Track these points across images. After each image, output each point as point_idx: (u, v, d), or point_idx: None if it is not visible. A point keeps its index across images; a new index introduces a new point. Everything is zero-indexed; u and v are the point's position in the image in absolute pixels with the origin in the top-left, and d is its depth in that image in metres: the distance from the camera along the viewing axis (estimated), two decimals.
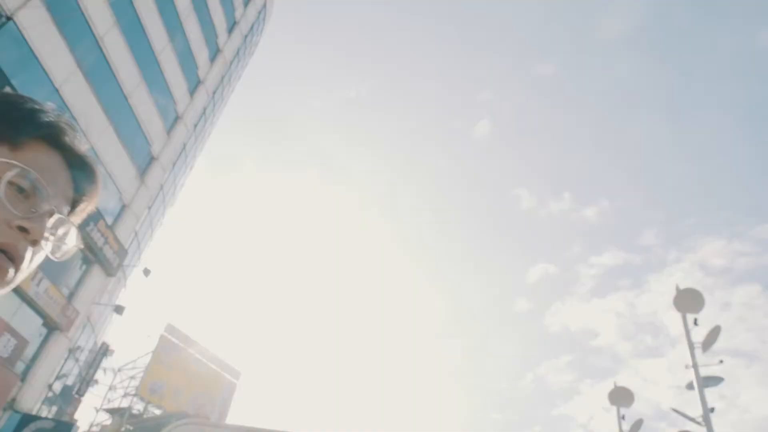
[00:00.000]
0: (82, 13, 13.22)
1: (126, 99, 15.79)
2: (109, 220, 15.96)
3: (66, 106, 12.94)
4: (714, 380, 9.45)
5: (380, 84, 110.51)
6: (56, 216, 0.64)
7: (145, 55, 16.50)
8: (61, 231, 0.65)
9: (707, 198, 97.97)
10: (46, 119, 0.65)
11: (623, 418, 11.57)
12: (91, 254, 14.97)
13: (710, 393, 9.28)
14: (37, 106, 0.66)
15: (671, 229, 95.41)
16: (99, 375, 23.74)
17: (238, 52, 24.23)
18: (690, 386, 9.56)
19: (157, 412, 26.00)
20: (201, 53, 20.26)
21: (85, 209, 0.71)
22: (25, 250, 0.61)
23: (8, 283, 0.60)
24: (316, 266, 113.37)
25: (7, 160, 0.60)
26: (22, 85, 11.05)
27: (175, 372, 26.73)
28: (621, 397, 11.63)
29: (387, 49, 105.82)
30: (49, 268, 12.92)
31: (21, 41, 11.20)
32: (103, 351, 21.13)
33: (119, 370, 26.60)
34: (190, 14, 18.72)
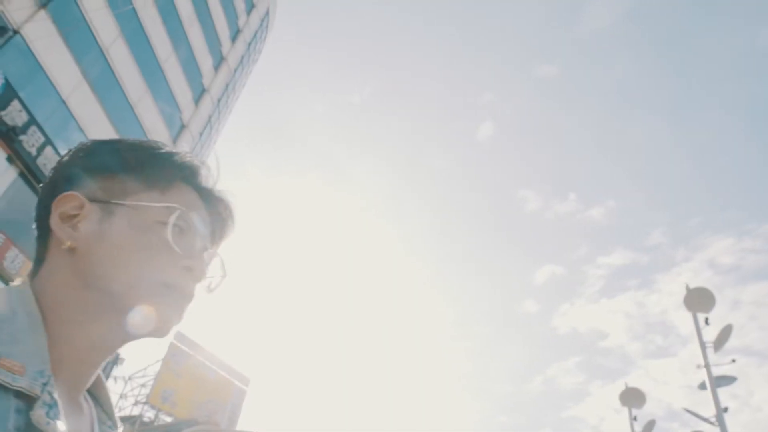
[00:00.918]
0: (87, 25, 13.34)
1: (132, 108, 15.89)
2: None
3: (73, 116, 13.05)
4: (727, 380, 9.36)
5: (382, 87, 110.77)
6: (208, 251, 0.68)
7: (150, 65, 16.61)
8: (211, 265, 0.69)
9: (714, 197, 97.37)
10: (183, 160, 0.70)
11: (635, 419, 11.48)
12: None
13: (722, 393, 9.20)
14: (172, 150, 0.71)
15: (678, 228, 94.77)
16: (110, 383, 23.88)
17: (241, 60, 24.34)
18: (702, 386, 9.48)
19: (168, 419, 26.07)
20: (205, 62, 20.37)
21: (224, 241, 0.74)
22: (194, 289, 0.65)
23: (181, 321, 0.65)
24: (322, 270, 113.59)
25: (169, 204, 0.64)
26: (29, 97, 11.15)
27: (184, 379, 26.81)
28: (632, 398, 11.55)
29: (389, 52, 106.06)
30: None
31: (28, 54, 11.31)
32: (114, 359, 21.23)
33: (130, 378, 26.70)
34: (193, 23, 18.84)
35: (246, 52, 24.74)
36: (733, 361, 9.42)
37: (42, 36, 11.54)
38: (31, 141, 10.97)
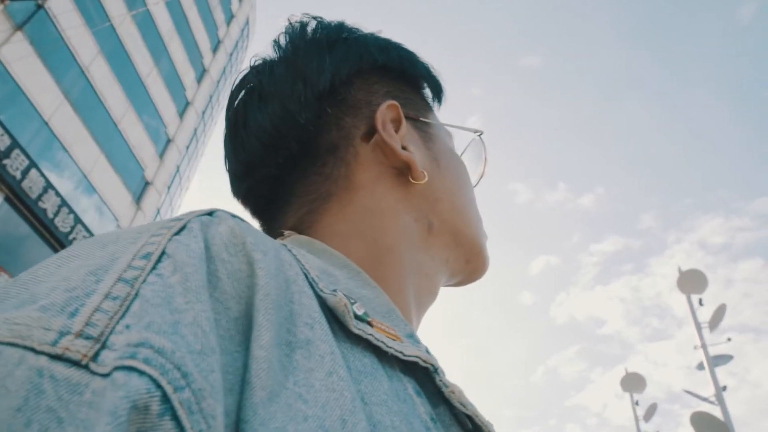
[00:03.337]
0: (66, 44, 13.25)
1: (116, 126, 15.81)
2: None
3: (56, 137, 12.95)
4: (724, 358, 9.44)
5: None
6: None
7: (132, 81, 16.54)
8: None
9: (701, 177, 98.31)
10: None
11: (637, 403, 11.55)
12: None
13: (720, 371, 9.28)
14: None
15: (668, 210, 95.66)
16: None
17: (224, 71, 24.30)
18: (700, 366, 9.56)
19: None
20: (187, 74, 20.31)
21: None
22: None
23: None
24: None
25: (477, 130, 0.53)
26: (10, 120, 11.05)
27: None
28: (633, 383, 11.61)
29: None
30: None
31: (6, 77, 11.22)
32: None
33: None
34: (173, 37, 18.78)
35: (228, 62, 24.68)
36: (729, 339, 9.50)
37: (20, 58, 11.45)
38: (14, 165, 10.87)
